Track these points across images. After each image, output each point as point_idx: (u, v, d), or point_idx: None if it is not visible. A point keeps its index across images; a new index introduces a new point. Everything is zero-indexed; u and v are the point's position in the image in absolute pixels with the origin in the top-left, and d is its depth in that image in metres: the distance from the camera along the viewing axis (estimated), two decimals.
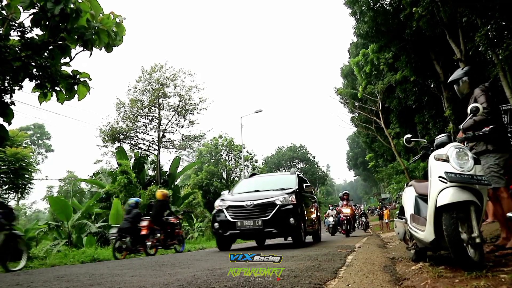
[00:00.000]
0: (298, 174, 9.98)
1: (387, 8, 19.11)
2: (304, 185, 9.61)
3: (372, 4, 18.78)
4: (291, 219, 7.58)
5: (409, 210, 3.92)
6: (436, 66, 19.57)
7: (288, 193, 8.01)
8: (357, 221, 22.59)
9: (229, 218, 7.78)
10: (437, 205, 3.06)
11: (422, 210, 3.68)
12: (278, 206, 7.63)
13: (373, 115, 26.57)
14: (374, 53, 23.45)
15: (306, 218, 8.94)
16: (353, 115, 32.83)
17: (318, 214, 11.48)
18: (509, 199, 3.94)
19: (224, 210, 7.92)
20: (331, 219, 18.58)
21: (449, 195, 3.00)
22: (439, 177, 3.13)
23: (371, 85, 25.08)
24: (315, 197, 11.87)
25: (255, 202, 7.73)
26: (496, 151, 4.06)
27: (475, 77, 4.46)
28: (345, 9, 20.53)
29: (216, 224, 7.97)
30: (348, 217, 16.21)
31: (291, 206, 7.75)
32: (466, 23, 14.90)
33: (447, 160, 3.15)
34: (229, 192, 9.44)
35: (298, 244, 8.02)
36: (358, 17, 20.05)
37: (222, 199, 8.34)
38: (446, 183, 3.05)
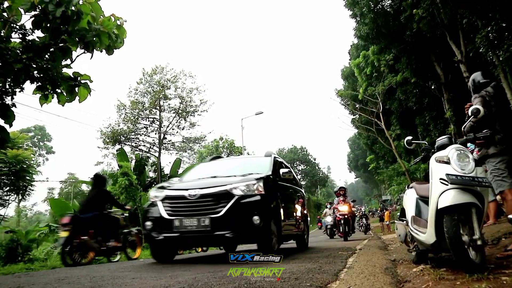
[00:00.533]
0: (275, 157, 7.47)
1: (388, 10, 19.18)
2: (281, 170, 6.94)
3: (372, 6, 18.85)
4: (256, 217, 5.18)
5: (410, 212, 3.92)
6: (436, 68, 19.59)
7: (254, 179, 5.63)
8: (357, 221, 21.70)
9: (163, 214, 5.43)
10: (438, 207, 3.05)
11: (423, 212, 3.68)
12: (237, 198, 5.31)
13: (373, 116, 26.61)
14: (375, 54, 23.50)
15: (285, 216, 6.51)
16: (354, 116, 32.89)
17: (306, 212, 9.03)
18: None
19: (159, 203, 5.58)
20: (329, 219, 16.12)
21: (450, 197, 3.00)
22: (440, 179, 3.13)
23: (372, 87, 25.12)
24: (302, 190, 9.33)
25: (202, 192, 5.40)
26: (496, 155, 4.06)
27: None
28: (346, 11, 20.62)
29: (148, 224, 5.58)
30: (346, 216, 13.08)
31: (257, 198, 5.43)
32: (467, 24, 14.95)
33: (448, 162, 3.15)
34: (179, 179, 7.46)
35: (265, 253, 5.03)
36: (359, 19, 20.12)
37: (160, 187, 6.01)
38: (447, 185, 3.05)
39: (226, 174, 6.43)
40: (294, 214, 7.65)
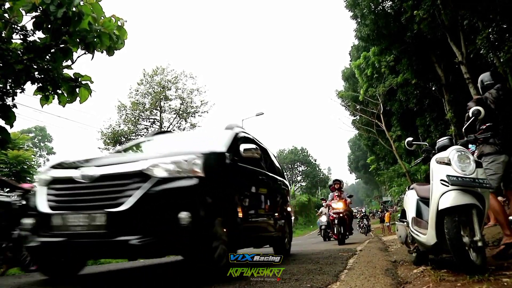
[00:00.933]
0: (238, 131, 5.35)
1: (388, 11, 19.17)
2: (242, 146, 4.69)
3: (373, 7, 18.84)
4: (184, 213, 3.20)
5: (410, 213, 3.91)
6: (437, 69, 19.58)
7: (191, 155, 3.59)
8: (358, 222, 21.09)
9: (40, 206, 3.42)
10: (439, 208, 3.05)
11: (423, 213, 3.68)
12: (156, 181, 3.29)
13: (374, 117, 26.58)
14: (375, 56, 23.50)
15: (250, 214, 4.78)
16: (355, 117, 32.87)
17: (289, 208, 7.09)
18: (494, 201, 3.93)
19: (39, 190, 3.59)
20: (324, 218, 13.92)
21: (451, 198, 2.99)
22: (441, 180, 3.12)
23: (373, 88, 25.11)
24: (284, 179, 7.43)
25: (102, 171, 3.40)
26: (490, 154, 4.08)
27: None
28: (346, 12, 20.61)
29: (26, 222, 3.49)
30: (341, 215, 10.59)
31: (189, 183, 3.41)
32: (467, 26, 14.95)
33: (448, 163, 3.15)
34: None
35: (206, 268, 3.51)
36: (359, 20, 20.11)
37: (55, 166, 3.86)
38: (447, 186, 3.04)
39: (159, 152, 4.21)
40: (268, 210, 5.72)
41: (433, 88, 21.98)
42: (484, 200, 3.08)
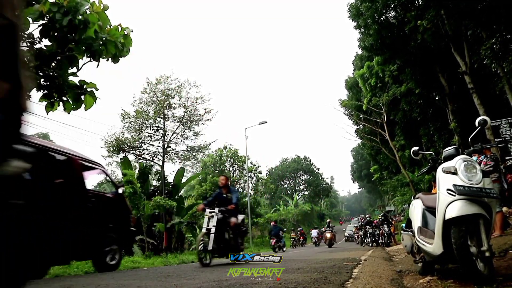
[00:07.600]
0: None
1: (392, 21, 19.19)
2: None
3: (376, 17, 18.87)
4: None
5: (416, 223, 3.89)
6: (441, 79, 19.58)
7: None
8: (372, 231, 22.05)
9: None
10: (446, 218, 3.03)
11: (429, 223, 3.65)
12: None
13: (378, 127, 26.54)
14: (379, 65, 23.49)
15: None
16: (358, 127, 32.83)
17: None
18: None
19: None
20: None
21: (458, 208, 2.98)
22: (447, 189, 3.11)
23: (376, 97, 25.09)
24: None
25: None
26: None
27: None
28: (350, 22, 20.66)
29: None
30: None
31: None
32: (471, 36, 14.98)
33: (455, 173, 3.13)
34: None
35: None
36: (363, 30, 20.12)
37: None
38: (454, 195, 3.03)
39: None
40: None
41: (437, 98, 21.96)
42: (491, 210, 3.06)
